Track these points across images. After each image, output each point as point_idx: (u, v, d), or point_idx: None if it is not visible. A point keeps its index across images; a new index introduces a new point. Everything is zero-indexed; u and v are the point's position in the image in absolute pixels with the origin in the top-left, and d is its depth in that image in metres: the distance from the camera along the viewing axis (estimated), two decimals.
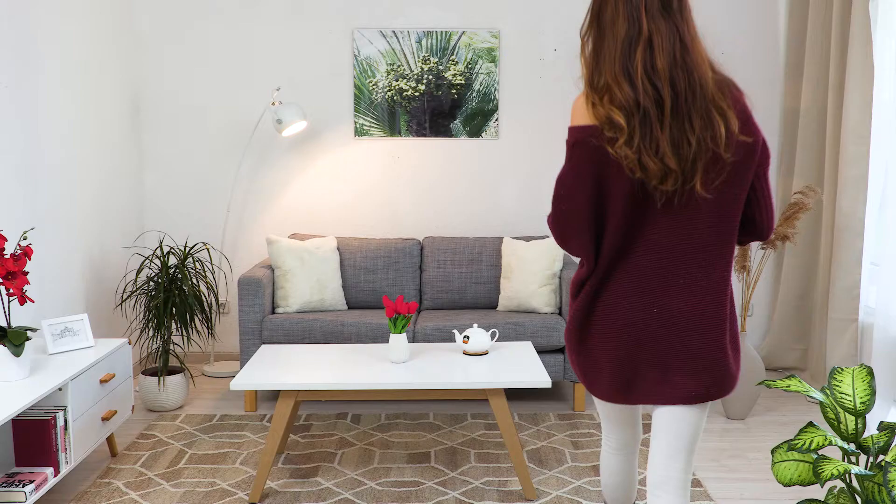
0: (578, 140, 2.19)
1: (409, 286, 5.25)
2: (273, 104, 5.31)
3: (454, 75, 5.57)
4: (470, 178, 5.68)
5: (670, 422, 2.31)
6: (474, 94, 5.59)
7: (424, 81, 5.57)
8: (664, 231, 2.20)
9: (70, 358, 3.71)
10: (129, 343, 4.10)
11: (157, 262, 4.86)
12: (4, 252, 3.37)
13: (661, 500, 2.34)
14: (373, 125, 5.62)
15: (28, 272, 3.45)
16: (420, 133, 5.62)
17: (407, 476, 3.83)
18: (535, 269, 4.93)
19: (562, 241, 2.33)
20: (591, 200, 2.20)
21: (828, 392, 2.45)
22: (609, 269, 2.26)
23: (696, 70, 2.13)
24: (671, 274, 2.22)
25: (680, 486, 2.32)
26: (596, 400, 2.48)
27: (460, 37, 5.54)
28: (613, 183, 2.17)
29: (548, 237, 5.18)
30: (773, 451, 2.44)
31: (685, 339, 2.22)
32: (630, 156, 2.10)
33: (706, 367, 2.23)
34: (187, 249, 4.85)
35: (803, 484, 2.36)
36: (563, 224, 2.27)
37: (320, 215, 5.70)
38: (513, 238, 5.20)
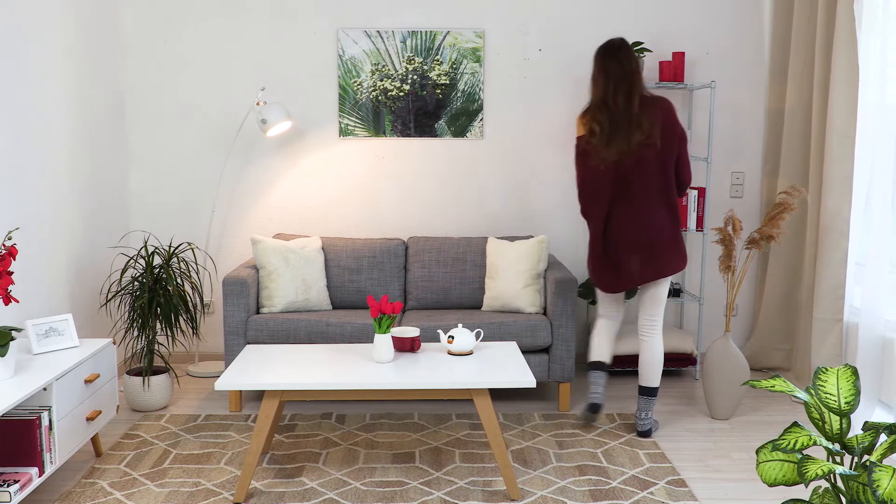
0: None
1: (393, 286, 5.24)
2: (258, 104, 5.29)
3: (439, 75, 5.56)
4: (454, 178, 5.67)
5: (650, 291, 4.28)
6: (459, 94, 5.58)
7: (409, 81, 5.56)
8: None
9: (55, 358, 3.69)
10: (114, 343, 4.08)
11: (142, 261, 4.84)
12: None
13: (653, 331, 4.33)
14: (357, 125, 5.61)
15: (13, 272, 3.43)
16: (405, 133, 5.62)
17: (391, 476, 3.82)
18: (520, 270, 4.93)
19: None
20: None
21: (812, 392, 2.45)
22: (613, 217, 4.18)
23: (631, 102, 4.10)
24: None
25: (659, 325, 4.33)
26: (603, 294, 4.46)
27: (445, 37, 5.53)
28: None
29: (532, 237, 5.20)
30: (757, 451, 2.44)
31: (654, 245, 4.13)
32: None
33: (664, 259, 4.14)
34: (172, 249, 4.83)
35: (788, 484, 2.37)
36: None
37: (305, 215, 5.68)
38: (497, 238, 5.20)
